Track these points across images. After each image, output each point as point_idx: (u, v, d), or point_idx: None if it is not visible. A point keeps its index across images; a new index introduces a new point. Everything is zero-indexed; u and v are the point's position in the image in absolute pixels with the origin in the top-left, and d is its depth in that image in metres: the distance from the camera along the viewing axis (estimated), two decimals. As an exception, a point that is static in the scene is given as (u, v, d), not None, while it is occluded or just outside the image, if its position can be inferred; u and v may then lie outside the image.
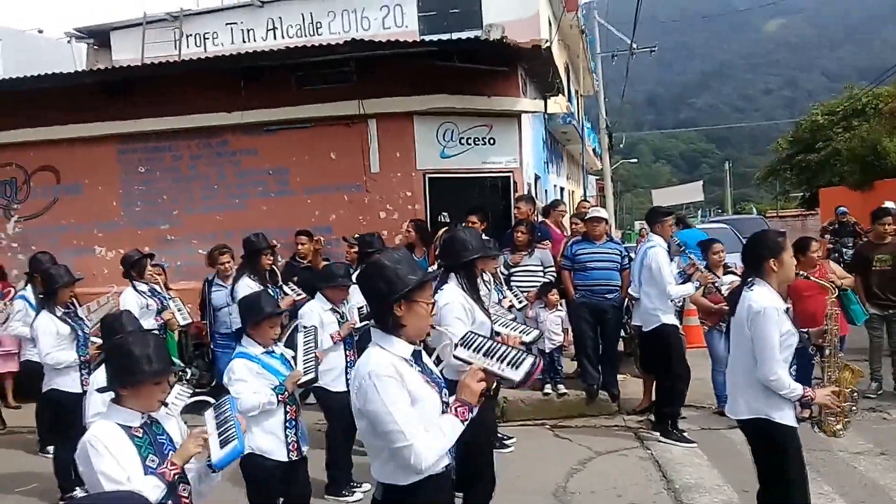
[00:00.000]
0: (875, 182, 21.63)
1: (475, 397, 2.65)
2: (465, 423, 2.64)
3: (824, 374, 4.17)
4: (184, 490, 2.75)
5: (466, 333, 3.07)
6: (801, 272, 4.91)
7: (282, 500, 4.42)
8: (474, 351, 2.87)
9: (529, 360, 2.77)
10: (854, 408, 4.12)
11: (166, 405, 2.81)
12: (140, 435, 2.70)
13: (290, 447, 4.32)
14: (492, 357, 2.80)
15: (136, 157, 10.19)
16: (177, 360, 3.35)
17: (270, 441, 4.27)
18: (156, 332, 6.60)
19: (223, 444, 2.85)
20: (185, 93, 9.68)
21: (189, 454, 2.73)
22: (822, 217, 23.12)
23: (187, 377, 3.45)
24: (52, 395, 5.96)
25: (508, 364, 2.75)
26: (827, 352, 4.20)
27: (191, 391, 3.38)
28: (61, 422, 5.94)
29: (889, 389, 7.68)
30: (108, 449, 2.64)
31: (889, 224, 7.86)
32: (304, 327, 5.11)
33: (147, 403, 2.74)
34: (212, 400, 3.31)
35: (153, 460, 2.67)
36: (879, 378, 7.71)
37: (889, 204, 9.10)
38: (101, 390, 2.93)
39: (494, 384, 2.76)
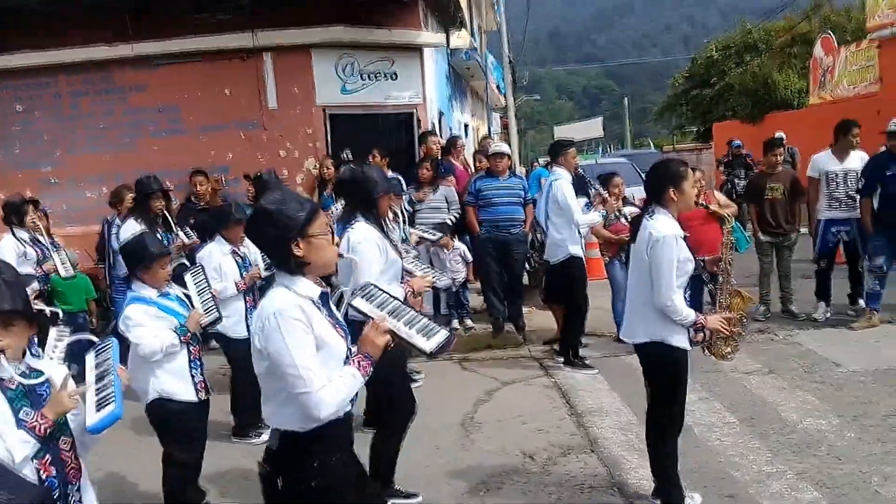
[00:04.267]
0: (765, 115, 22.45)
1: (378, 351, 2.57)
2: (366, 376, 2.55)
3: (716, 301, 4.31)
4: (64, 443, 2.58)
5: (367, 286, 2.94)
6: (699, 201, 5.05)
7: None
8: (378, 307, 2.77)
9: (444, 333, 2.67)
10: (743, 333, 4.29)
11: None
12: (13, 387, 2.49)
13: (198, 386, 4.22)
14: (399, 319, 2.69)
15: (13, 94, 9.49)
16: (44, 307, 3.14)
17: (178, 383, 4.15)
18: (38, 280, 6.26)
19: (100, 404, 2.66)
20: (63, 24, 9.00)
21: (62, 409, 2.52)
22: (716, 151, 23.92)
23: (61, 318, 3.25)
24: None
25: (420, 332, 2.66)
26: (720, 279, 4.34)
27: (68, 333, 3.16)
28: None
29: (777, 312, 8.09)
30: None
31: (780, 154, 8.17)
32: (187, 265, 4.93)
33: None
34: (95, 339, 3.11)
35: (27, 413, 2.47)
36: (768, 302, 8.10)
37: (780, 134, 9.43)
38: None
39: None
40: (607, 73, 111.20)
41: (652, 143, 41.58)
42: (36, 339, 2.87)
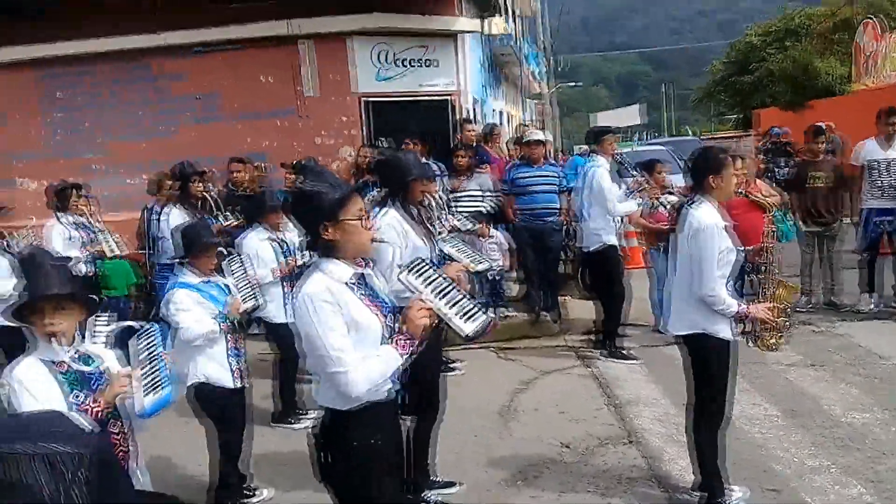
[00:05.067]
0: (806, 102, 22.03)
1: (419, 331, 2.58)
2: (406, 355, 2.57)
3: (761, 291, 4.24)
4: (114, 426, 2.62)
5: (417, 260, 2.96)
6: (738, 189, 4.97)
7: None
8: (424, 283, 2.77)
9: (483, 317, 2.66)
10: (788, 323, 4.22)
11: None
12: (65, 370, 2.55)
13: (235, 374, 4.29)
14: (442, 298, 2.69)
15: (55, 82, 9.65)
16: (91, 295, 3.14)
17: (217, 369, 4.23)
18: (84, 264, 6.37)
19: (150, 388, 2.71)
20: (103, 14, 9.10)
21: (115, 394, 2.59)
22: (756, 139, 23.52)
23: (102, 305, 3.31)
24: None
25: (460, 313, 2.65)
26: (763, 269, 4.27)
27: (107, 319, 3.21)
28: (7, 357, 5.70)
29: (820, 304, 7.94)
30: (27, 388, 2.50)
31: (823, 142, 8.00)
32: (228, 254, 4.98)
33: (40, 327, 2.56)
34: (136, 325, 3.16)
35: (79, 396, 2.52)
36: (811, 293, 7.95)
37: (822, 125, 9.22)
38: (7, 315, 2.72)
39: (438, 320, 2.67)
40: (644, 60, 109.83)
41: (691, 131, 40.98)
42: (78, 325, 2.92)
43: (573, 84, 44.99)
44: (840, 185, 7.78)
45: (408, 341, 2.57)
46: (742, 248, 4.35)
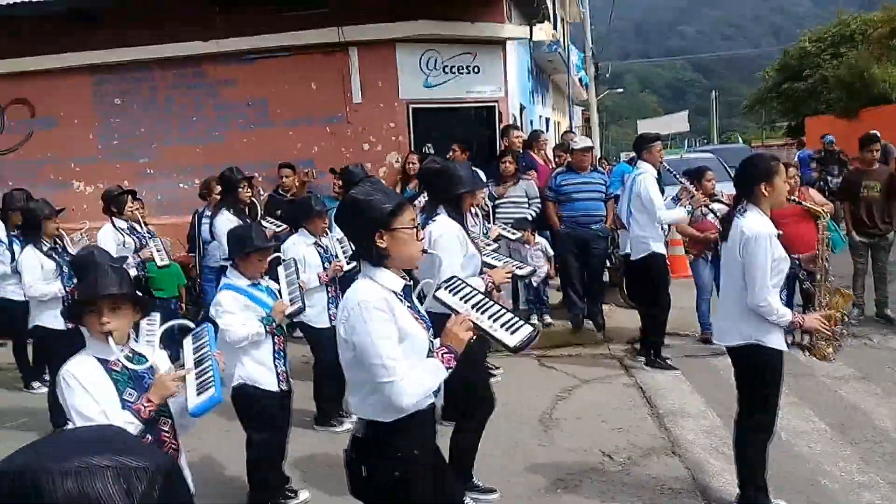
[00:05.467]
0: (861, 110, 21.53)
1: (461, 345, 2.58)
2: (450, 369, 2.56)
3: (815, 299, 4.17)
4: (164, 424, 2.70)
5: (452, 278, 2.96)
6: (791, 197, 4.89)
7: None
8: (462, 300, 2.77)
9: (527, 328, 2.65)
10: (844, 332, 4.14)
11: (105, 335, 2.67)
12: (118, 369, 2.63)
13: (280, 377, 4.34)
14: (482, 312, 2.70)
15: (111, 88, 9.93)
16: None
17: (262, 371, 4.28)
18: (134, 268, 6.54)
19: (200, 388, 2.78)
20: (158, 21, 9.36)
21: (166, 393, 2.66)
22: (808, 146, 23.06)
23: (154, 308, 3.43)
24: (36, 332, 5.89)
25: (503, 327, 2.65)
26: (818, 276, 4.20)
27: (157, 320, 3.31)
28: (50, 358, 5.87)
29: (871, 316, 7.75)
30: (81, 384, 2.57)
31: (877, 150, 7.83)
32: (284, 260, 5.07)
33: (96, 326, 2.63)
34: (191, 324, 3.24)
35: (131, 394, 2.60)
36: (862, 305, 7.77)
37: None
38: (64, 313, 2.82)
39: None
40: (693, 66, 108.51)
41: (741, 138, 40.32)
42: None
43: (619, 91, 44.52)
44: (893, 194, 7.60)
45: (451, 355, 2.56)
46: (796, 256, 4.28)
